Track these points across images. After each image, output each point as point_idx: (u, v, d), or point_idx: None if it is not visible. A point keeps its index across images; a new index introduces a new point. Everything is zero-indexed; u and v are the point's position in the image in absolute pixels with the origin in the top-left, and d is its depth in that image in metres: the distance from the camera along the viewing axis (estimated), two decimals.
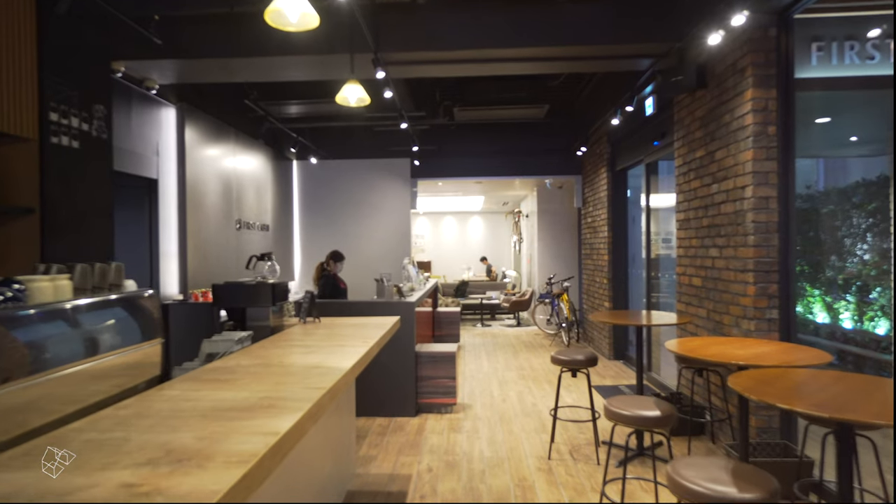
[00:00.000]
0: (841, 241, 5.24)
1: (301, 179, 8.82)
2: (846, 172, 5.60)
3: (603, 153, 7.32)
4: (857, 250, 5.18)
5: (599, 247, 7.60)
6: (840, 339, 4.75)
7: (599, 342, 7.71)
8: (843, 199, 5.28)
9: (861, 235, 5.28)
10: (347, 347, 2.58)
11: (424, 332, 7.69)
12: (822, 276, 5.18)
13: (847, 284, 5.11)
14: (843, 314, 5.20)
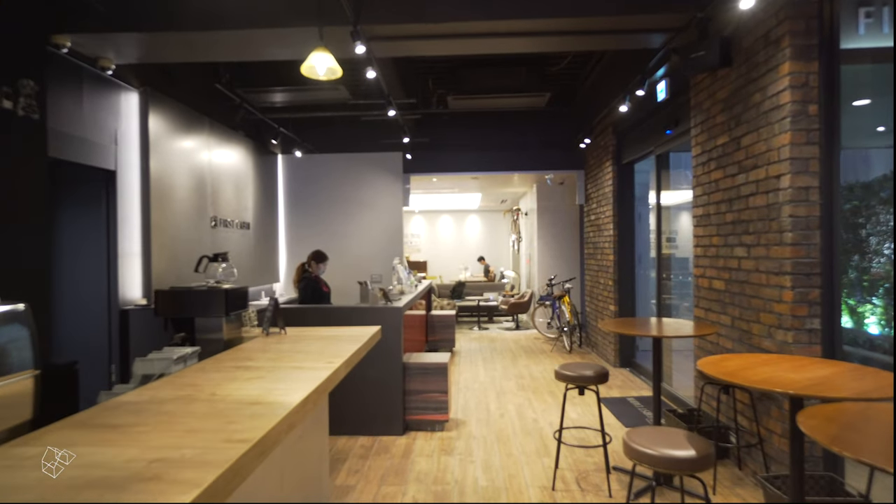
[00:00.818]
0: (866, 239, 4.79)
1: (286, 175, 8.31)
2: (869, 165, 5.12)
3: (608, 145, 6.82)
4: (885, 249, 4.74)
5: (604, 246, 7.11)
6: (866, 346, 4.31)
7: (604, 348, 7.21)
8: (868, 195, 4.81)
9: (889, 234, 4.82)
10: (306, 370, 2.08)
11: (417, 337, 7.19)
12: (844, 278, 4.76)
13: (873, 286, 4.67)
14: (868, 318, 4.77)
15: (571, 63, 6.46)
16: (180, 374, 2.05)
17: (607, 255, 6.96)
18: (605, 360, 7.10)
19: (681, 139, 4.95)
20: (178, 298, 2.74)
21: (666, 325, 3.57)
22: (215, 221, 6.08)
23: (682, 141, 4.97)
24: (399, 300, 4.88)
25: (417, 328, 7.26)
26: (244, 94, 6.22)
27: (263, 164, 7.67)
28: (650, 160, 6.10)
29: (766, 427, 3.27)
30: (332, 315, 4.47)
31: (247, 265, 6.94)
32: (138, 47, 4.18)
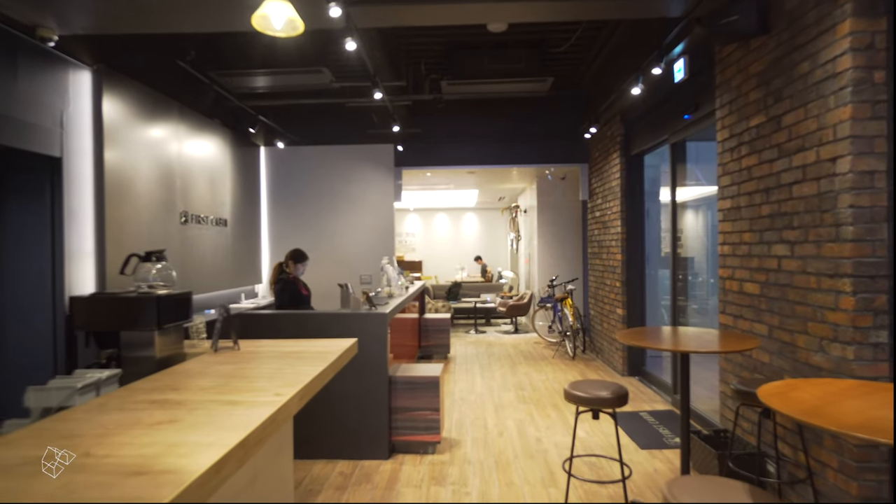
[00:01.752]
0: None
1: (270, 168, 7.76)
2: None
3: (616, 135, 6.29)
4: None
5: (610, 244, 6.58)
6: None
7: (610, 354, 6.69)
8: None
9: None
10: (242, 406, 1.54)
11: (409, 342, 6.67)
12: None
13: None
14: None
15: (576, 45, 5.93)
16: (66, 414, 1.51)
17: (614, 255, 6.44)
18: (612, 368, 6.58)
19: (701, 124, 4.42)
20: (98, 307, 2.21)
21: (690, 336, 3.04)
22: (185, 217, 5.53)
23: (702, 126, 4.45)
24: (385, 305, 4.34)
25: (409, 333, 6.73)
26: (218, 78, 5.67)
27: (244, 156, 7.12)
28: (663, 151, 5.58)
29: (816, 458, 2.75)
30: (308, 322, 3.93)
31: (223, 265, 6.39)
32: (83, 13, 3.63)
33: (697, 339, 2.91)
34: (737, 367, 3.58)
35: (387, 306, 4.23)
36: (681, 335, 3.09)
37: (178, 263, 5.34)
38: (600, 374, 6.38)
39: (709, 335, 3.03)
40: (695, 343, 2.78)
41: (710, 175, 7.57)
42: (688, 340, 2.88)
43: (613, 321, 6.49)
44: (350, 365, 3.90)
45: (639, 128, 5.86)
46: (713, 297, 5.79)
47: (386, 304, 4.35)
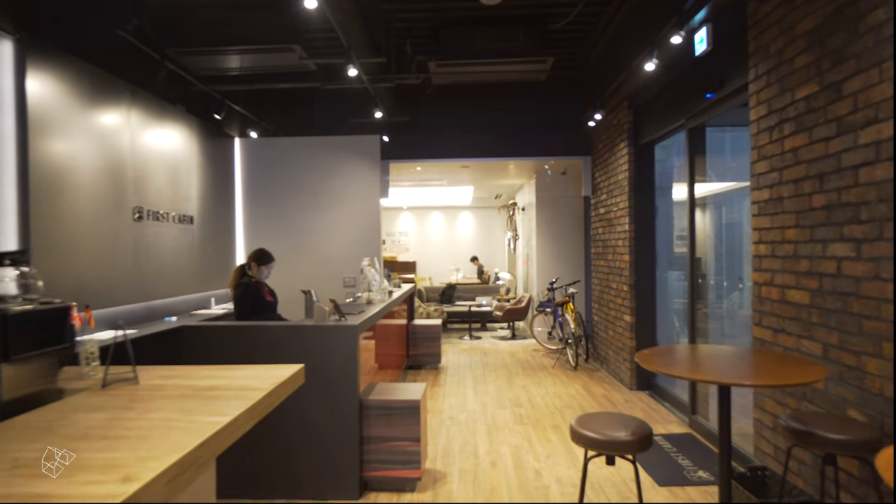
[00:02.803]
0: None
1: (245, 161, 7.14)
2: None
3: (623, 123, 5.68)
4: None
5: (617, 244, 5.97)
6: None
7: (616, 365, 6.07)
8: None
9: None
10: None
11: (396, 350, 6.05)
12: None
13: None
14: None
15: (580, 19, 5.31)
16: None
17: (621, 255, 5.82)
18: (618, 380, 5.96)
19: (727, 104, 3.81)
20: None
21: (728, 359, 2.43)
22: (140, 213, 4.91)
23: (727, 107, 3.83)
24: (359, 314, 3.72)
25: (396, 341, 6.12)
26: (177, 57, 5.04)
27: (215, 148, 6.49)
28: (677, 139, 4.98)
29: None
30: (261, 336, 3.30)
31: (189, 267, 5.76)
32: None
33: (738, 363, 2.30)
34: (777, 392, 2.96)
35: (360, 316, 3.60)
36: (716, 358, 2.47)
37: (129, 265, 4.72)
38: (606, 387, 5.77)
39: (750, 357, 2.42)
40: (738, 370, 2.16)
41: (719, 169, 7.01)
42: (728, 366, 2.27)
43: (620, 329, 5.87)
44: (313, 387, 3.28)
45: (649, 113, 5.25)
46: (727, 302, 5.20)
47: (360, 314, 3.73)
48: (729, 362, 2.34)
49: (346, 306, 4.15)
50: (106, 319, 4.46)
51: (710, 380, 2.02)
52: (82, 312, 3.87)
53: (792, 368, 2.16)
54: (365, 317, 3.60)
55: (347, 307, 4.06)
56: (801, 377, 2.03)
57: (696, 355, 2.53)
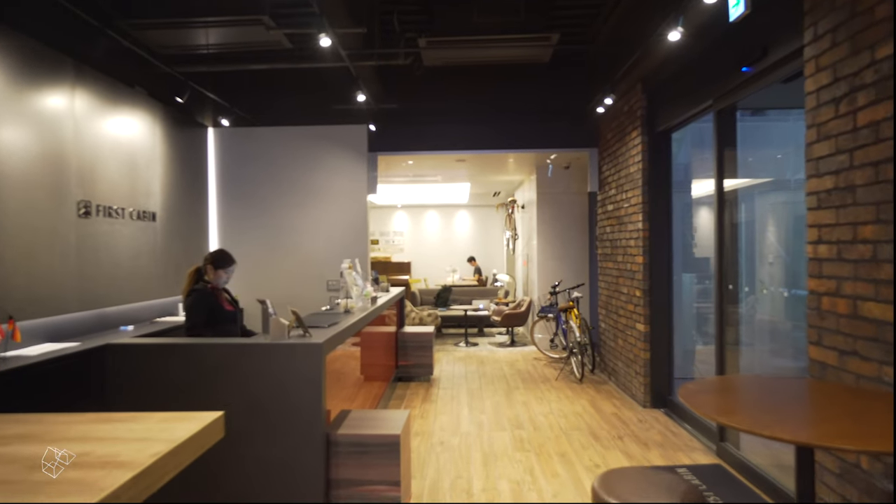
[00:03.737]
0: None
1: (220, 153, 6.53)
2: None
3: (635, 108, 5.08)
4: None
5: (628, 245, 5.37)
6: None
7: (627, 379, 5.47)
8: None
9: None
10: None
11: (383, 361, 5.46)
12: None
13: None
14: None
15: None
16: None
17: (633, 257, 5.23)
18: (630, 396, 5.36)
19: (769, 77, 3.22)
20: None
21: (794, 396, 1.84)
22: (87, 209, 4.30)
23: (770, 80, 3.24)
24: (329, 327, 3.11)
25: (384, 350, 5.52)
26: (130, 31, 4.43)
27: (184, 137, 5.88)
28: (689, 130, 4.39)
29: None
30: (206, 357, 2.69)
31: (151, 269, 5.16)
32: None
33: (819, 405, 1.70)
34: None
35: (329, 330, 2.99)
36: (783, 396, 1.87)
37: (72, 267, 4.11)
38: (615, 404, 5.17)
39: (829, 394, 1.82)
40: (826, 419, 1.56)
41: (728, 164, 6.44)
42: (808, 412, 1.66)
43: (632, 339, 5.28)
44: (269, 421, 2.66)
45: (667, 97, 4.66)
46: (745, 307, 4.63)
47: (331, 327, 3.12)
48: (804, 404, 1.74)
49: (316, 317, 3.54)
50: (44, 331, 3.86)
51: (801, 441, 1.41)
52: (4, 324, 3.26)
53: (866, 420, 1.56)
54: (335, 331, 3.00)
55: (318, 318, 3.46)
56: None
57: (755, 392, 1.93)
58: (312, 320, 3.35)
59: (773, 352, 5.28)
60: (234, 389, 2.62)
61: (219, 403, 2.61)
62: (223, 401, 2.60)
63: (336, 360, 3.97)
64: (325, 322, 3.24)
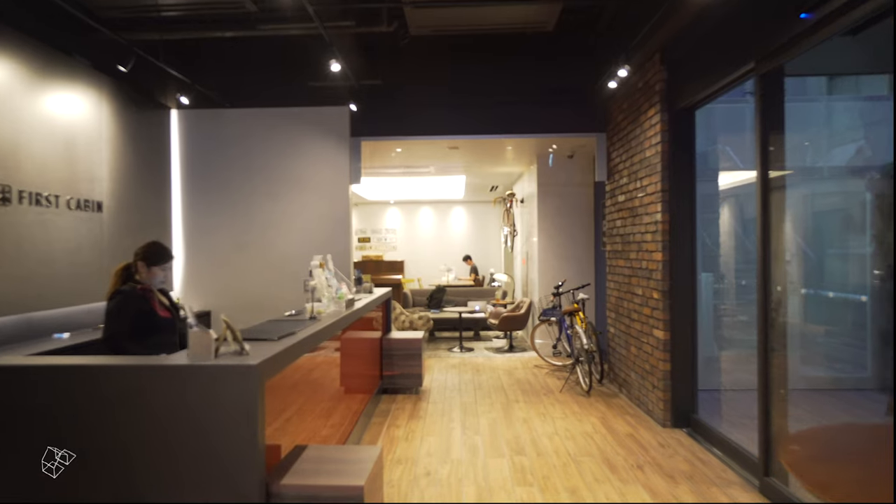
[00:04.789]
0: None
1: (185, 137, 5.85)
2: None
3: (653, 83, 4.42)
4: None
5: (644, 239, 4.71)
6: None
7: (642, 392, 4.81)
8: None
9: None
10: None
11: (366, 371, 4.81)
12: None
13: None
14: None
15: None
16: None
17: (650, 253, 4.56)
18: (645, 411, 4.70)
19: (836, 24, 2.55)
20: None
21: None
22: (5, 195, 3.62)
23: (834, 29, 2.57)
24: (278, 341, 2.43)
25: (367, 359, 4.86)
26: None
27: (140, 118, 5.20)
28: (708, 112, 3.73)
29: None
30: (105, 383, 2.01)
31: (95, 267, 4.47)
32: None
33: None
34: None
35: (276, 345, 2.31)
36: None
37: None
38: (630, 422, 4.50)
39: None
40: None
41: (743, 154, 5.83)
42: None
43: (648, 347, 4.61)
44: (180, 468, 1.95)
45: (692, 66, 3.99)
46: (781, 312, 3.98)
47: (280, 340, 2.44)
48: None
49: (270, 326, 2.86)
50: None
51: None
52: None
53: None
54: (284, 346, 2.31)
55: (271, 328, 2.78)
56: None
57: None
58: (263, 330, 2.68)
59: (803, 360, 4.66)
60: (137, 427, 1.95)
61: (115, 446, 1.93)
62: (121, 442, 1.92)
63: (315, 369, 3.34)
64: (277, 333, 2.56)
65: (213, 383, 1.95)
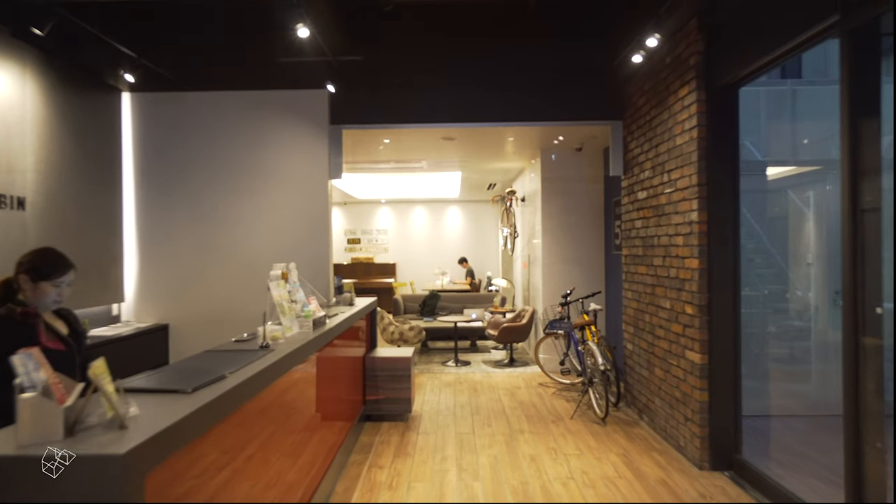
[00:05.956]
0: None
1: (139, 124, 5.08)
2: None
3: (688, 56, 3.70)
4: None
5: (672, 243, 3.98)
6: None
7: (672, 424, 4.07)
8: None
9: None
10: None
11: (346, 395, 4.08)
12: None
13: None
14: None
15: None
16: None
17: (682, 260, 3.83)
18: (676, 448, 3.97)
19: None
20: None
21: None
22: None
23: None
24: (195, 393, 1.67)
25: (347, 381, 4.13)
26: None
27: (82, 101, 4.44)
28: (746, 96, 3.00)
29: None
30: None
31: None
32: None
33: None
34: None
35: (182, 405, 1.55)
36: None
37: None
38: (658, 461, 3.77)
39: None
40: None
41: (780, 143, 5.18)
42: None
43: (678, 371, 3.88)
44: None
45: (739, 31, 3.27)
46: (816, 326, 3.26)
47: (194, 393, 1.68)
48: None
49: (199, 363, 2.11)
50: None
51: None
52: None
53: None
54: (192, 407, 1.55)
55: (197, 366, 2.02)
56: None
57: None
58: (178, 374, 1.93)
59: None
60: None
61: None
62: None
63: (288, 390, 2.63)
64: (196, 378, 1.80)
65: (56, 487, 1.19)
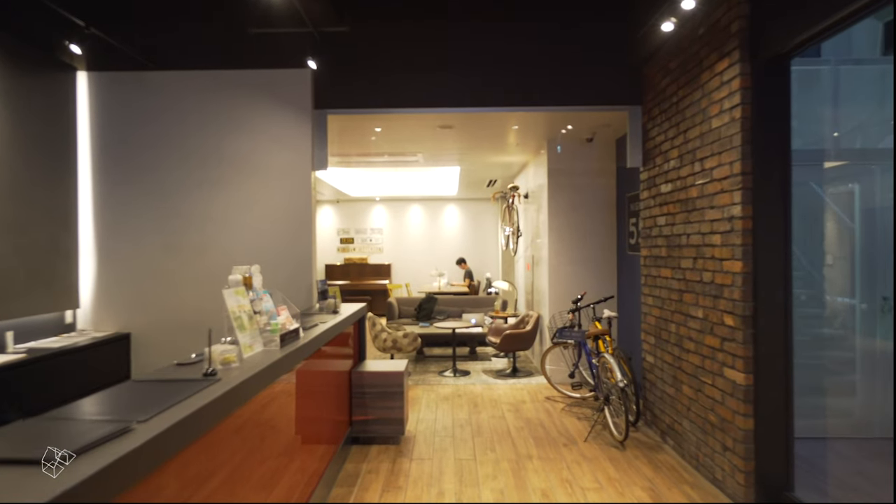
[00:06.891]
0: None
1: (97, 108, 4.51)
2: None
3: (728, 23, 3.15)
4: None
5: (707, 243, 3.43)
6: None
7: (704, 451, 3.52)
8: None
9: None
10: None
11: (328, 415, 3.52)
12: None
13: None
14: None
15: None
16: None
17: (719, 262, 3.29)
18: (711, 480, 3.42)
19: None
20: None
21: None
22: None
23: None
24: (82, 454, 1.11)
25: (330, 399, 3.57)
26: None
27: (29, 80, 3.87)
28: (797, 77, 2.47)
29: None
30: None
31: None
32: None
33: None
34: None
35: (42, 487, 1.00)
36: None
37: None
38: (690, 496, 3.22)
39: None
40: None
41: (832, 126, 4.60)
42: None
43: (716, 391, 3.33)
44: None
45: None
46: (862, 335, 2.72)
47: (79, 456, 1.12)
48: None
49: (118, 398, 1.55)
50: None
51: None
52: None
53: None
54: (68, 486, 1.00)
55: (116, 401, 1.46)
56: None
57: None
58: (74, 421, 1.37)
59: None
60: None
61: None
62: None
63: (265, 407, 2.11)
64: (93, 430, 1.24)
65: None
